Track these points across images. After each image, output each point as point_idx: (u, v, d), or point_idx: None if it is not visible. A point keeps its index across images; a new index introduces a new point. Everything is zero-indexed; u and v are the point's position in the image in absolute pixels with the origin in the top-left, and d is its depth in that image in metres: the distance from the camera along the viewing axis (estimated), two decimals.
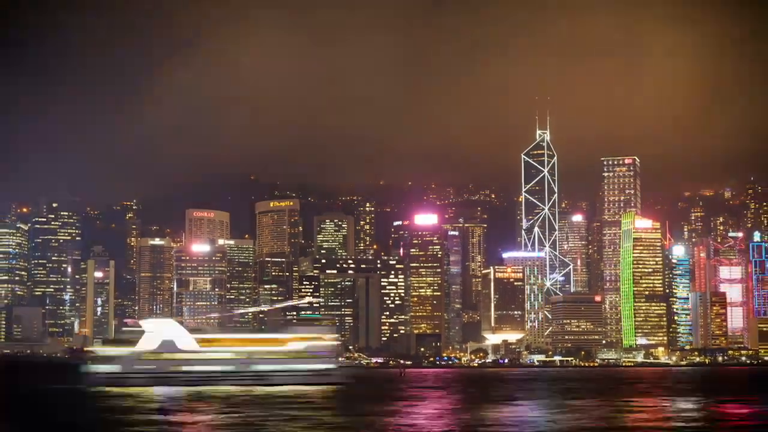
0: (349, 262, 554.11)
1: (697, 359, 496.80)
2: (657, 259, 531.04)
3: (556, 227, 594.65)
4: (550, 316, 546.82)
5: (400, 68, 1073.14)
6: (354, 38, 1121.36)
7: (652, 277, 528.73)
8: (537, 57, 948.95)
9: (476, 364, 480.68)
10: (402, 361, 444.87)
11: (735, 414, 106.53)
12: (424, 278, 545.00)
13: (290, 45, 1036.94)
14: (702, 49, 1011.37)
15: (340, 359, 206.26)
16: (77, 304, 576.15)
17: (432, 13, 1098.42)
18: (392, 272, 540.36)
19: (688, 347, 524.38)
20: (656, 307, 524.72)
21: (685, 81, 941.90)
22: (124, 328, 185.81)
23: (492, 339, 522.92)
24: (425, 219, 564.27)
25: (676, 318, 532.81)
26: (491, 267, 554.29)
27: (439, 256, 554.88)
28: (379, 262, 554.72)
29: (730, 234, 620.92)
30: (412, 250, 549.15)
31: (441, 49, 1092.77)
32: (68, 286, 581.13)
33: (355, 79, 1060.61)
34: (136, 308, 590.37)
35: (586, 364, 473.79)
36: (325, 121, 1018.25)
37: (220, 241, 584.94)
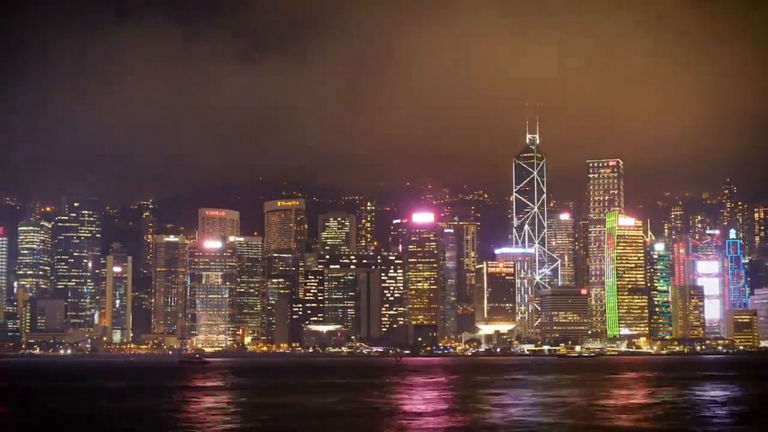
0: (352, 257, 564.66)
1: (677, 348, 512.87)
2: (639, 254, 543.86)
3: (545, 225, 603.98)
4: (539, 308, 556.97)
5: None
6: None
7: (634, 272, 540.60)
8: (529, 62, 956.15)
9: (470, 353, 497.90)
10: (399, 350, 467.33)
11: None
12: (422, 273, 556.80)
13: None
14: (689, 54, 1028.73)
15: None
16: (97, 297, 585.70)
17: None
18: (391, 267, 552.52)
19: (668, 337, 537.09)
20: (638, 300, 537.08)
21: (669, 87, 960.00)
22: None
23: (485, 329, 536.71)
24: (422, 218, 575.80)
25: (657, 310, 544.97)
26: (484, 262, 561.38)
27: (436, 252, 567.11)
28: (379, 257, 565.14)
29: (708, 231, 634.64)
30: (410, 246, 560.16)
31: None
32: (89, 281, 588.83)
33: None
34: (153, 301, 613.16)
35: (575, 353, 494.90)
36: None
37: (231, 238, 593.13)
